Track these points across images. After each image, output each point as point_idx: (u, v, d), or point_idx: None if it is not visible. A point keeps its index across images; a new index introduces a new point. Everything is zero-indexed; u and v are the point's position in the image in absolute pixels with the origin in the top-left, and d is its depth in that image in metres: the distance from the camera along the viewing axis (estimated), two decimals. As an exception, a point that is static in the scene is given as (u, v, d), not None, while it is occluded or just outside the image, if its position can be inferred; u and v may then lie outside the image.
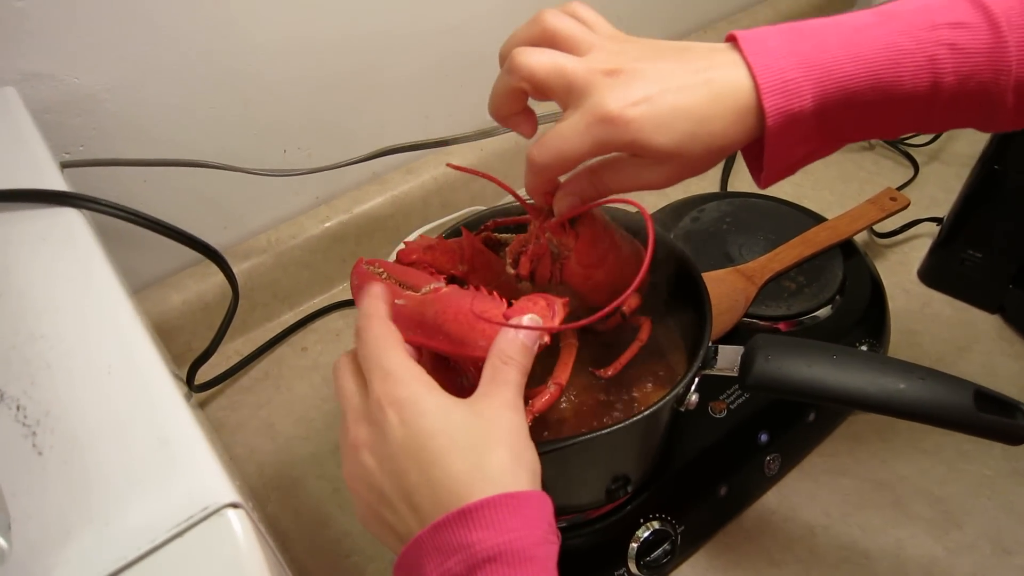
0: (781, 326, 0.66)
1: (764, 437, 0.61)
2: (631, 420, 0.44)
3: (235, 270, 0.73)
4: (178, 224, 0.71)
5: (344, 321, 0.79)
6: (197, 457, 0.31)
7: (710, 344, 0.49)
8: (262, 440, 0.70)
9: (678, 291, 0.57)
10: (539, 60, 0.39)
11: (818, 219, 0.75)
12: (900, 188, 0.88)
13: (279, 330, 0.77)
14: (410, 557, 0.35)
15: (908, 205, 0.76)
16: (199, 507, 0.28)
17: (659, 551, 0.55)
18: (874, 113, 0.40)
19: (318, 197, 0.80)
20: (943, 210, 0.82)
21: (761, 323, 0.66)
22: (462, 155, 0.83)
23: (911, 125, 0.41)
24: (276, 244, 0.76)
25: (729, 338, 0.64)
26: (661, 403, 0.45)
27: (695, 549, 0.60)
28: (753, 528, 0.62)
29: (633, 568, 0.55)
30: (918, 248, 0.83)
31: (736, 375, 0.48)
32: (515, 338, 0.40)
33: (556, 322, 0.41)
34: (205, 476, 0.30)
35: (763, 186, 0.44)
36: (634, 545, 0.55)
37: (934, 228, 0.84)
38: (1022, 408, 0.43)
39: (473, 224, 0.56)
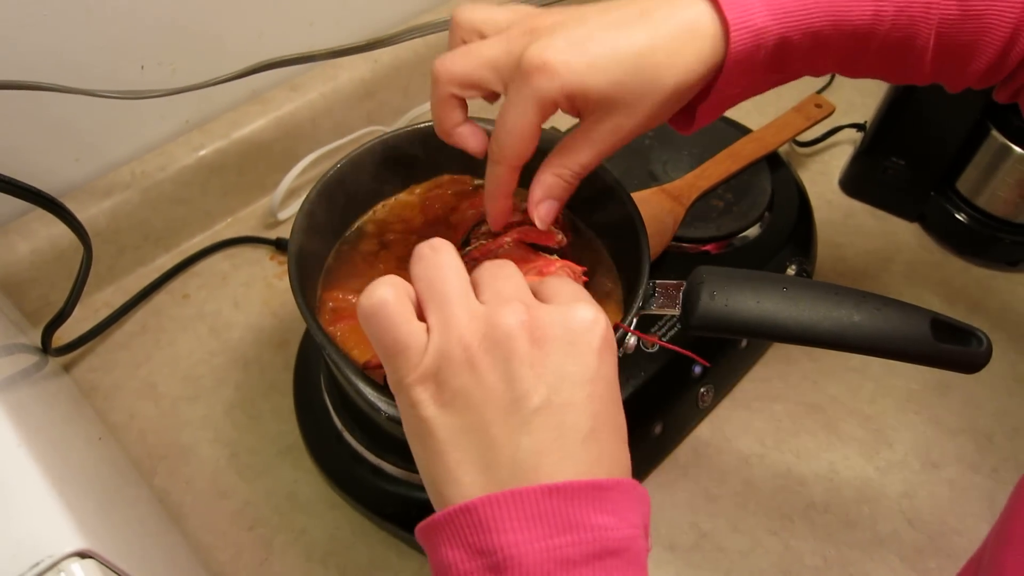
0: (711, 248, 0.62)
1: (698, 369, 0.57)
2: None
3: (94, 210, 0.64)
4: (16, 158, 0.61)
5: (230, 262, 0.70)
6: (27, 494, 0.23)
7: (649, 281, 0.43)
8: (143, 403, 0.61)
9: (605, 215, 0.51)
10: (454, 58, 0.37)
11: (742, 130, 0.70)
12: (818, 92, 0.85)
13: (155, 276, 0.68)
14: (493, 508, 0.28)
15: (833, 111, 0.72)
16: (29, 563, 0.21)
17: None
18: (821, 45, 0.38)
19: (188, 121, 0.69)
20: (862, 115, 0.80)
21: (690, 246, 0.62)
22: (353, 68, 0.74)
23: (840, 63, 0.41)
24: (142, 178, 0.66)
25: (658, 264, 0.60)
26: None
27: (630, 490, 0.57)
28: (688, 463, 0.59)
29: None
30: (839, 156, 0.80)
31: (678, 314, 0.43)
32: None
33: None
34: (38, 518, 0.22)
35: (694, 128, 0.42)
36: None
37: (855, 135, 0.81)
38: (978, 334, 0.41)
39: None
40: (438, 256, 0.33)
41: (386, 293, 0.31)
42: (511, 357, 0.30)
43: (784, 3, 0.36)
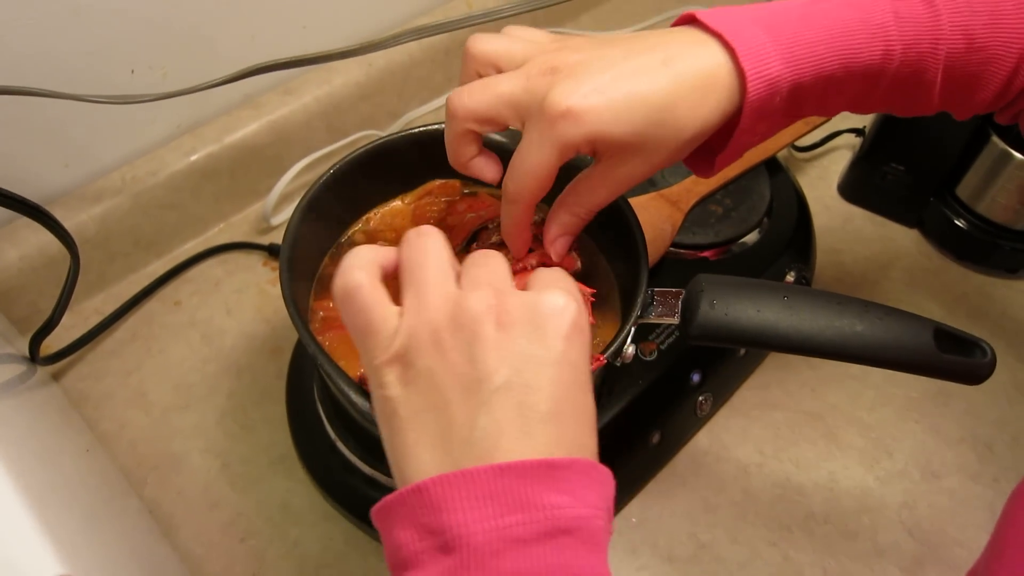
0: (709, 255, 0.61)
1: (696, 377, 0.57)
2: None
3: (84, 216, 0.63)
4: (5, 164, 0.60)
5: (223, 268, 0.69)
6: (3, 516, 0.22)
7: (647, 290, 0.43)
8: (134, 412, 0.60)
9: (602, 221, 0.51)
10: (471, 93, 0.37)
11: (741, 135, 0.69)
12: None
13: (146, 283, 0.67)
14: (444, 488, 0.28)
15: (831, 117, 0.71)
16: (6, 591, 0.20)
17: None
18: (833, 87, 0.38)
19: (180, 125, 0.68)
20: (861, 120, 0.79)
21: (688, 253, 0.61)
22: (347, 72, 0.73)
23: (851, 102, 0.41)
24: (133, 183, 0.65)
25: (656, 271, 0.59)
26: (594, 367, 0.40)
27: (626, 502, 0.56)
28: (687, 472, 0.58)
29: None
30: (837, 161, 0.80)
31: (677, 323, 0.43)
32: None
33: None
34: (15, 542, 0.22)
35: (713, 173, 0.42)
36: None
37: (853, 140, 0.80)
38: (982, 345, 0.40)
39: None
40: (422, 240, 0.34)
41: (360, 277, 0.32)
42: (475, 340, 0.31)
43: (796, 49, 0.36)
